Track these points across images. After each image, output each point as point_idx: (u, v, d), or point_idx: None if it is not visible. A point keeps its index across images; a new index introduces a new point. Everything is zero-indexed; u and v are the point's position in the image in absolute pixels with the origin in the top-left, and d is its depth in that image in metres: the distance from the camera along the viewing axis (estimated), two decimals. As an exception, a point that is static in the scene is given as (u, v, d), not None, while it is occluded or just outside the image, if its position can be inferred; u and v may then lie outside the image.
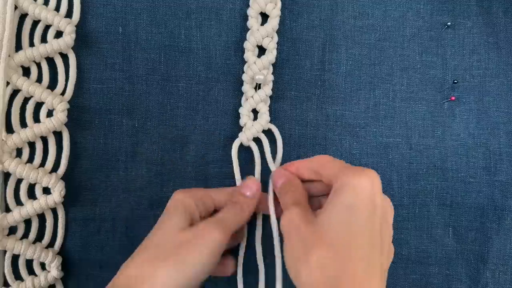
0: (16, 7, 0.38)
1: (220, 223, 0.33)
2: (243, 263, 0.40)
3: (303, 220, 0.30)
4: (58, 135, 0.40)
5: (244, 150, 0.41)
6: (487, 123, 0.43)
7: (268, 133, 0.41)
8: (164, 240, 0.32)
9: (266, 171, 0.41)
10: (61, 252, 0.40)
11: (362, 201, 0.29)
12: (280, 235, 0.33)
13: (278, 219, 0.33)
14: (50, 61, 0.40)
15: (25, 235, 0.39)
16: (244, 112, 0.41)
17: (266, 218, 0.41)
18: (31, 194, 0.39)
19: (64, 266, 0.40)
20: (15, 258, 0.39)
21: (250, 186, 0.37)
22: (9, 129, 0.39)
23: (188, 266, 0.31)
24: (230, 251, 0.39)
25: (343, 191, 0.29)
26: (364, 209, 0.29)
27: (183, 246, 0.31)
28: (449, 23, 0.43)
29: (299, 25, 0.43)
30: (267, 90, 0.41)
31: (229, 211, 0.35)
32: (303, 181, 0.36)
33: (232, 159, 0.40)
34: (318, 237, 0.29)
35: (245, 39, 0.41)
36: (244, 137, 0.40)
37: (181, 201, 0.34)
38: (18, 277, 0.39)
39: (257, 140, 0.41)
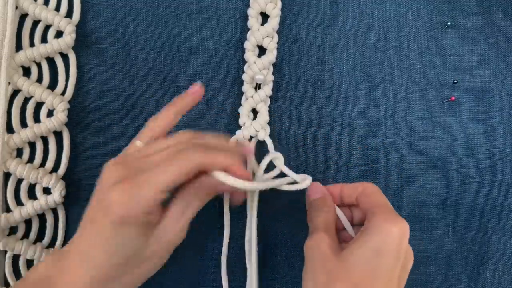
0: (16, 7, 0.39)
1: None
2: (233, 263, 0.40)
3: (331, 250, 0.31)
4: (58, 135, 0.40)
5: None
6: (487, 123, 0.43)
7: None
8: None
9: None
10: (61, 252, 0.40)
11: (390, 248, 0.30)
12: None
13: None
14: (50, 61, 0.40)
15: (26, 235, 0.39)
16: (244, 112, 0.41)
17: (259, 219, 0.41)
18: (32, 194, 0.39)
19: (65, 266, 0.40)
20: (15, 258, 0.39)
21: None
22: (10, 129, 0.39)
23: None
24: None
25: (374, 234, 0.31)
26: (390, 256, 0.30)
27: None
28: (449, 23, 0.43)
29: (299, 25, 0.43)
30: (267, 90, 0.41)
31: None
32: (340, 205, 0.37)
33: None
34: (343, 272, 0.30)
35: (245, 39, 0.41)
36: (241, 135, 0.40)
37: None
38: (19, 277, 0.39)
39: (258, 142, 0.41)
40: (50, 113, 0.39)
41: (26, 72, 0.39)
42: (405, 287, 0.42)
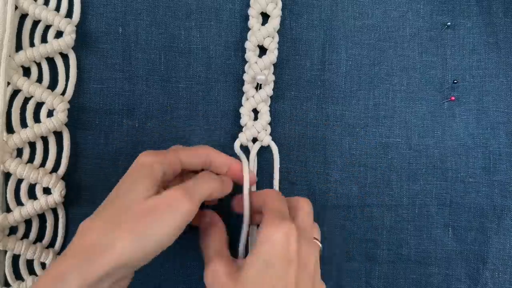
0: (16, 7, 0.39)
1: (188, 191, 0.31)
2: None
3: (227, 276, 0.31)
4: (58, 135, 0.40)
5: (243, 150, 0.41)
6: (487, 123, 0.43)
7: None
8: (127, 207, 0.30)
9: (263, 173, 0.41)
10: (61, 252, 0.40)
11: (277, 257, 0.30)
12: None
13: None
14: (50, 61, 0.40)
15: (26, 235, 0.39)
16: (245, 112, 0.41)
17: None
18: (32, 194, 0.39)
19: (65, 266, 0.40)
20: (15, 258, 0.39)
21: (233, 168, 0.37)
22: (10, 129, 0.39)
23: (151, 237, 0.29)
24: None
25: (260, 244, 0.31)
26: (279, 265, 0.30)
27: (148, 216, 0.29)
28: (449, 23, 0.43)
29: (299, 25, 0.43)
30: (268, 90, 0.41)
31: (201, 179, 0.33)
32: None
33: (240, 157, 0.39)
34: None
35: (245, 39, 0.41)
36: (244, 137, 0.40)
37: (148, 167, 0.32)
38: (18, 277, 0.39)
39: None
40: (50, 113, 0.39)
41: (26, 72, 0.39)
42: (405, 286, 0.43)
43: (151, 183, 0.31)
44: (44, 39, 0.39)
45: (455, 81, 0.43)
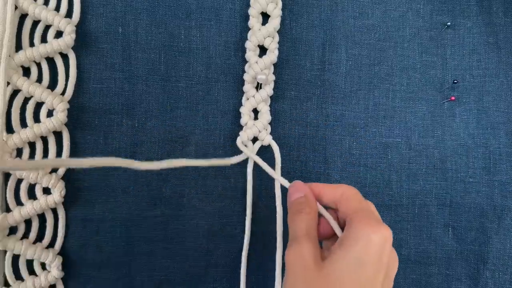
0: (16, 7, 0.39)
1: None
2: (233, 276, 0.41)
3: (313, 261, 0.30)
4: (58, 135, 0.40)
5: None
6: (487, 123, 0.43)
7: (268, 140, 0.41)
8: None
9: (264, 173, 0.41)
10: (61, 252, 0.40)
11: (371, 258, 0.29)
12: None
13: None
14: (50, 61, 0.40)
15: (26, 235, 0.39)
16: (245, 111, 0.41)
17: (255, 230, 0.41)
18: (31, 194, 0.39)
19: (64, 266, 0.40)
20: (15, 258, 0.39)
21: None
22: (10, 129, 0.39)
23: None
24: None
25: (354, 242, 0.30)
26: (371, 266, 0.29)
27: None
28: (449, 23, 0.43)
29: (299, 25, 0.43)
30: (268, 90, 0.41)
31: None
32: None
33: (244, 152, 0.40)
34: (324, 285, 0.29)
35: (245, 39, 0.41)
36: (245, 136, 0.40)
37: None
38: (18, 277, 0.39)
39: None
40: (50, 113, 0.39)
41: (26, 72, 0.39)
42: (405, 286, 0.43)
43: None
44: (44, 39, 0.39)
45: (455, 81, 0.43)
